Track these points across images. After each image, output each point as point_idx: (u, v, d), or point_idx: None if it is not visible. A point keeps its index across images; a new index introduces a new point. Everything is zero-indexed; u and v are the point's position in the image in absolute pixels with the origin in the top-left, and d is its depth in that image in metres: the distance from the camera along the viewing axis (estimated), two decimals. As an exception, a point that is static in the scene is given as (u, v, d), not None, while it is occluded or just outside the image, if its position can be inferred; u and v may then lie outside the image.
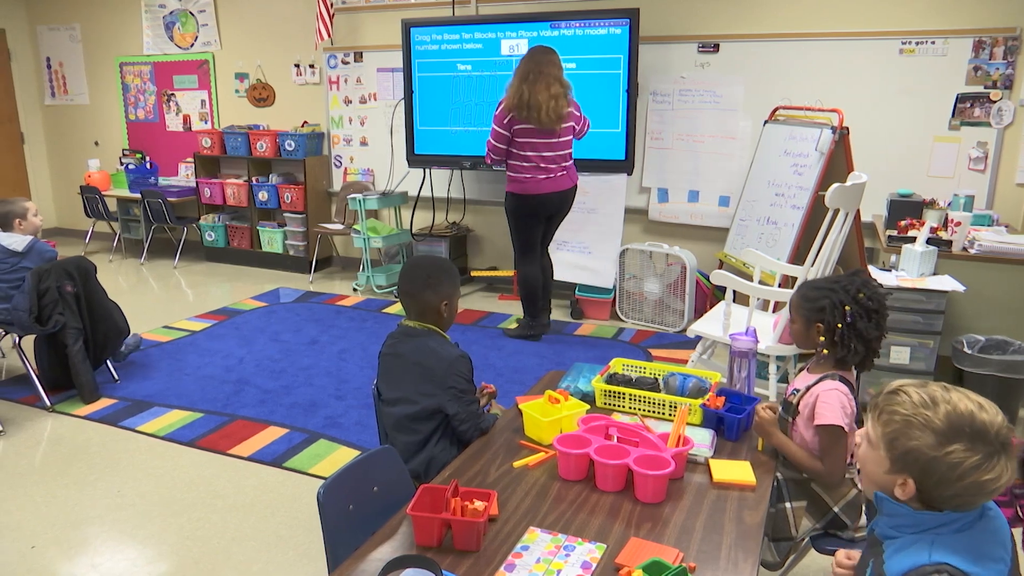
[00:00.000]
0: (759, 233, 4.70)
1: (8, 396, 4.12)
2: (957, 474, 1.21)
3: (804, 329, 2.13)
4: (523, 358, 4.67)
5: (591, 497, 1.82)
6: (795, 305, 2.17)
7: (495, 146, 4.64)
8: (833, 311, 2.04)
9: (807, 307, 2.11)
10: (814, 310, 2.08)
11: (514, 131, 4.56)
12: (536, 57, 4.51)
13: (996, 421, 1.21)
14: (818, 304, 2.07)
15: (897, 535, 1.30)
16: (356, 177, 6.78)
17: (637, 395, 2.27)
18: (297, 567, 2.71)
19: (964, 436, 1.21)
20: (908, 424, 1.25)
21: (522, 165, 4.62)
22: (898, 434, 1.27)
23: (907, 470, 1.26)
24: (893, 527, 1.31)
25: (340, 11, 6.40)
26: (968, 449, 1.20)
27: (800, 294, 2.16)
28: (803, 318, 2.12)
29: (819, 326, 2.06)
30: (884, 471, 1.30)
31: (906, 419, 1.26)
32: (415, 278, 2.29)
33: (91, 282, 4.07)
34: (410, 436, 2.22)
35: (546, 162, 4.61)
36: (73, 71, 8.06)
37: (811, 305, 2.10)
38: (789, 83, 5.04)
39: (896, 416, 1.28)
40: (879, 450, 1.31)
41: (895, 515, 1.30)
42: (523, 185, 4.65)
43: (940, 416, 1.23)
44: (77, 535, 2.90)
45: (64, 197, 8.45)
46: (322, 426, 3.77)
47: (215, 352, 4.81)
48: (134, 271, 7.07)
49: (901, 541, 1.29)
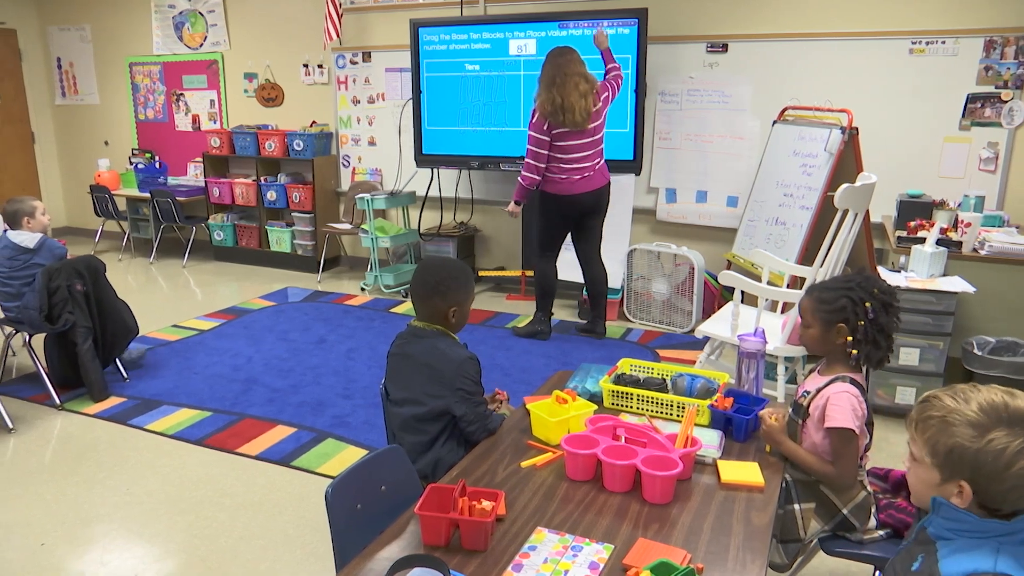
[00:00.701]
0: (768, 234, 4.68)
1: (18, 394, 4.15)
2: (1004, 462, 1.20)
3: (823, 333, 2.07)
4: (530, 358, 4.67)
5: (599, 497, 1.82)
6: (810, 310, 2.10)
7: (537, 155, 4.59)
8: (855, 309, 2.01)
9: (825, 309, 2.06)
10: (834, 311, 2.04)
11: (552, 136, 4.57)
12: (557, 60, 4.52)
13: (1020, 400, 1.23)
14: (837, 305, 2.03)
15: (954, 537, 1.28)
16: (364, 177, 6.79)
17: (645, 396, 2.26)
18: (305, 566, 2.72)
19: (1002, 422, 1.22)
20: (945, 423, 1.26)
21: (560, 167, 4.63)
22: (937, 436, 1.27)
23: (958, 473, 1.26)
24: (951, 530, 1.29)
25: (349, 11, 6.41)
26: (1009, 434, 1.21)
27: (814, 298, 2.11)
28: (822, 321, 2.06)
29: (841, 327, 2.03)
30: (936, 483, 1.29)
31: (942, 419, 1.27)
32: (425, 282, 2.28)
33: (101, 281, 4.09)
34: (417, 436, 2.22)
35: (580, 162, 4.63)
36: (83, 71, 8.10)
37: (829, 307, 2.05)
38: (798, 83, 5.02)
39: (931, 420, 1.28)
40: (925, 462, 1.30)
41: (957, 520, 1.28)
42: (559, 186, 4.67)
43: (973, 408, 1.24)
44: (86, 532, 2.91)
45: (74, 196, 8.49)
46: (330, 425, 3.78)
47: (224, 351, 4.83)
48: (143, 270, 7.10)
49: (959, 543, 1.27)
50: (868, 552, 2.06)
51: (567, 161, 4.62)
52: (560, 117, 4.49)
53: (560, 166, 4.63)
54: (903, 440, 3.53)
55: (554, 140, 4.57)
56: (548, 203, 4.77)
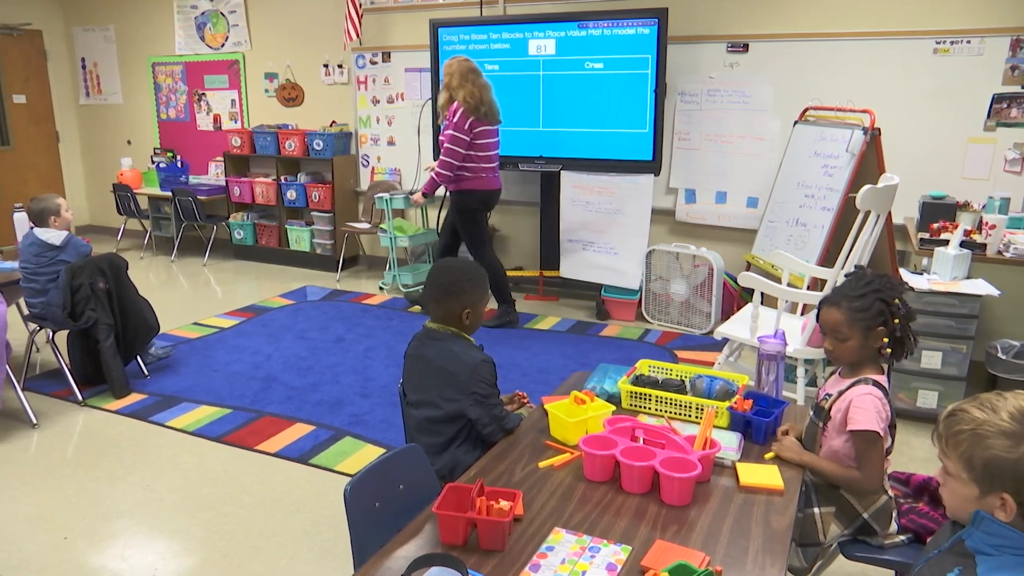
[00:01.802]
0: (788, 235, 4.65)
1: (42, 390, 4.20)
2: None
3: (863, 340, 2.02)
4: (548, 358, 4.67)
5: (616, 499, 1.81)
6: (846, 322, 2.03)
7: (456, 153, 4.84)
8: (891, 309, 2.00)
9: (863, 318, 2.01)
10: (872, 317, 2.00)
11: (474, 133, 4.85)
12: (462, 64, 4.88)
13: None
14: (874, 310, 2.00)
15: (996, 553, 1.25)
16: (383, 176, 6.81)
17: (663, 397, 2.25)
18: (323, 563, 2.73)
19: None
20: (977, 436, 1.23)
21: (481, 166, 4.94)
22: (972, 450, 1.24)
23: (997, 485, 1.23)
24: (993, 546, 1.25)
25: (369, 11, 6.43)
26: None
27: (848, 309, 2.03)
28: (861, 330, 2.01)
29: (880, 330, 2.00)
30: (975, 497, 1.26)
31: (973, 432, 1.24)
32: (439, 283, 2.28)
33: (123, 279, 4.13)
34: (433, 438, 2.22)
35: (495, 159, 5.04)
36: (107, 71, 8.19)
37: (867, 314, 2.00)
38: (819, 83, 4.98)
39: (963, 434, 1.25)
40: (961, 478, 1.27)
41: (1000, 536, 1.25)
42: (482, 182, 4.97)
43: (1004, 418, 1.22)
44: (107, 527, 2.94)
45: (97, 195, 8.60)
46: (348, 424, 3.80)
47: (243, 349, 4.86)
48: (164, 268, 7.17)
49: (1002, 560, 1.24)
50: (888, 557, 2.04)
51: (486, 159, 4.95)
52: (482, 111, 4.82)
53: (480, 165, 4.93)
54: (924, 444, 3.49)
55: (474, 138, 4.85)
56: (472, 201, 5.01)
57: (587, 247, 5.56)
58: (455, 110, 4.83)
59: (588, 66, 5.29)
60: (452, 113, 4.85)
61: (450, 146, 4.83)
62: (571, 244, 5.62)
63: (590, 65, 5.28)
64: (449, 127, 4.86)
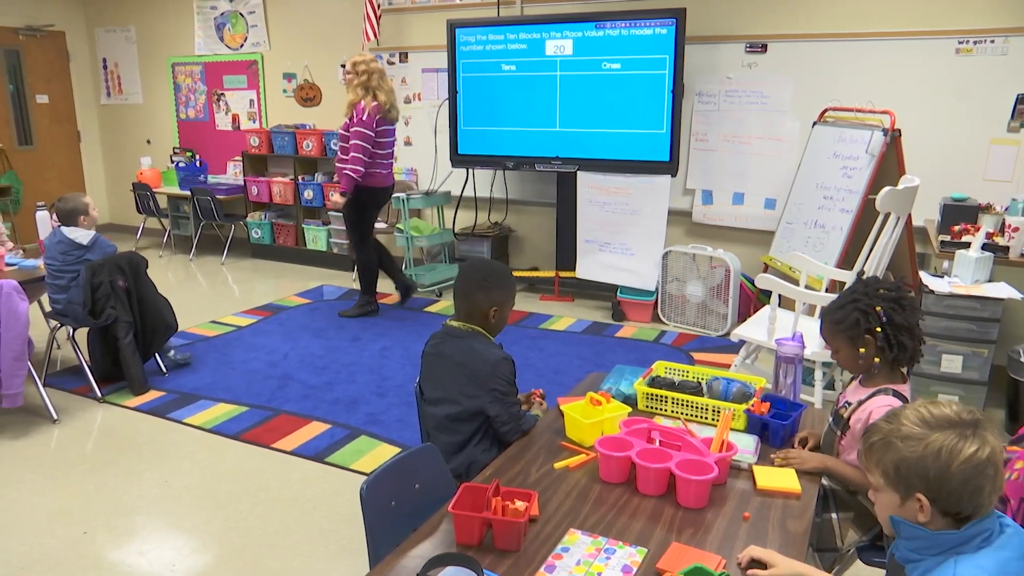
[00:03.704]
0: (806, 237, 4.62)
1: (62, 386, 4.25)
2: (944, 460, 1.27)
3: (851, 351, 2.02)
4: (563, 359, 4.66)
5: (632, 500, 1.81)
6: (830, 335, 2.07)
7: (365, 150, 5.03)
8: (868, 318, 1.97)
9: (841, 329, 2.02)
10: (850, 328, 2.00)
11: (377, 132, 5.07)
12: (377, 64, 5.10)
13: (953, 408, 1.33)
14: (850, 320, 1.99)
15: (919, 558, 1.33)
16: (400, 176, 6.83)
17: (680, 399, 2.24)
18: (338, 561, 2.74)
19: (933, 428, 1.30)
20: (886, 443, 1.34)
21: (379, 163, 5.17)
22: (882, 456, 1.35)
23: (912, 487, 1.31)
24: (914, 550, 1.34)
25: (387, 12, 6.45)
26: (941, 435, 1.29)
27: (829, 323, 2.07)
28: (845, 342, 2.02)
29: (867, 338, 1.99)
30: (898, 505, 1.35)
31: (883, 440, 1.35)
32: (471, 278, 2.30)
33: (142, 277, 4.17)
34: (451, 436, 2.23)
35: (391, 156, 5.28)
36: (128, 71, 8.27)
37: (844, 326, 2.01)
38: (839, 84, 4.94)
39: (875, 445, 1.37)
40: (882, 486, 1.37)
41: (914, 538, 1.34)
42: (378, 179, 5.19)
43: (905, 423, 1.33)
44: (126, 523, 2.97)
45: (117, 193, 8.68)
46: (364, 422, 3.81)
47: (260, 347, 4.89)
48: (183, 267, 7.23)
49: (925, 564, 1.32)
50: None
51: (385, 156, 5.20)
52: (386, 111, 5.07)
53: (378, 162, 5.15)
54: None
55: (377, 136, 5.07)
56: (366, 197, 5.22)
57: (603, 248, 5.55)
58: (364, 108, 4.99)
59: (605, 66, 5.28)
60: (360, 111, 4.99)
61: (359, 142, 5.00)
62: (587, 245, 5.61)
63: (607, 65, 5.27)
64: (355, 124, 5.00)
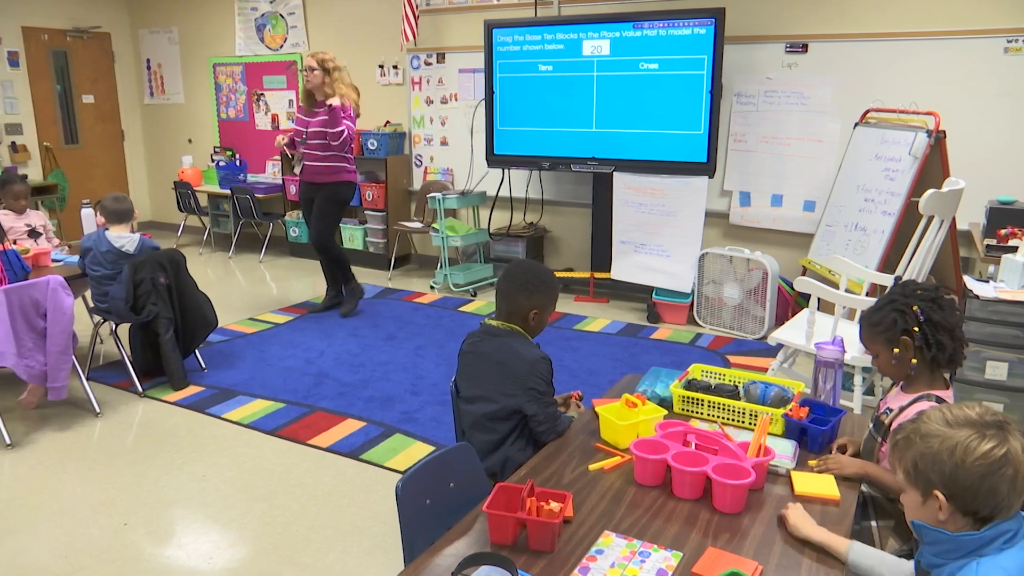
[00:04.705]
0: (847, 239, 4.55)
1: (105, 380, 4.34)
2: (959, 456, 1.29)
3: (889, 354, 2.00)
4: (598, 360, 4.65)
5: (667, 504, 1.79)
6: (868, 339, 2.05)
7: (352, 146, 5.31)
8: (905, 319, 1.95)
9: (879, 331, 2.00)
10: (887, 330, 1.98)
11: None
12: (335, 59, 5.18)
13: (977, 410, 1.34)
14: (887, 321, 1.97)
15: (943, 562, 1.34)
16: (436, 176, 6.87)
17: (717, 402, 2.22)
18: (372, 557, 2.76)
19: (951, 426, 1.33)
20: (907, 441, 1.38)
21: (353, 158, 5.35)
22: (904, 454, 1.38)
23: (929, 483, 1.34)
24: (937, 555, 1.36)
25: (425, 13, 6.49)
26: (959, 432, 1.31)
27: (867, 326, 2.05)
28: (883, 345, 2.00)
29: (905, 340, 1.96)
30: (920, 503, 1.37)
31: (905, 439, 1.39)
32: (515, 278, 2.30)
33: (182, 274, 4.24)
34: (488, 435, 2.23)
35: None
36: (170, 72, 8.43)
37: (882, 327, 1.99)
38: (881, 84, 4.85)
39: (899, 443, 1.40)
40: (905, 484, 1.39)
41: (937, 543, 1.35)
42: (354, 176, 5.40)
43: (926, 421, 1.37)
44: (165, 515, 3.03)
45: (159, 192, 8.85)
46: (398, 420, 3.84)
47: (297, 344, 4.95)
48: (222, 264, 7.35)
49: (948, 568, 1.33)
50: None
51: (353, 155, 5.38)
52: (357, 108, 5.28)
53: (352, 157, 5.34)
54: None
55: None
56: (348, 192, 5.39)
57: (639, 249, 5.52)
58: (347, 107, 5.11)
59: (643, 67, 5.25)
60: (348, 107, 5.13)
61: (350, 139, 5.17)
62: (623, 246, 5.58)
63: (645, 66, 5.24)
64: (347, 119, 5.11)
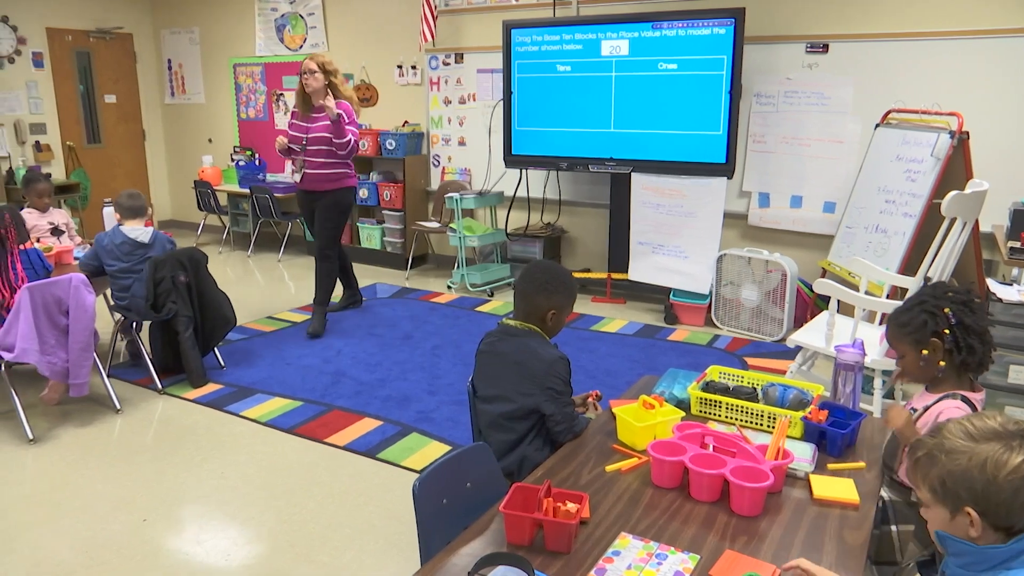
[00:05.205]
0: (867, 241, 4.51)
1: (125, 377, 4.38)
2: (991, 471, 1.25)
3: (916, 356, 1.99)
4: (615, 361, 4.63)
5: (684, 506, 1.79)
6: (896, 339, 2.04)
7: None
8: (936, 320, 1.94)
9: (907, 332, 1.99)
10: (916, 331, 1.97)
11: None
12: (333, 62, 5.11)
13: (998, 420, 1.31)
14: (917, 322, 1.97)
15: (969, 575, 1.31)
16: (453, 176, 6.88)
17: (735, 404, 2.21)
18: (388, 556, 2.77)
19: (977, 440, 1.29)
20: (931, 458, 1.33)
21: (352, 163, 5.16)
22: (929, 471, 1.33)
23: (959, 500, 1.29)
24: (962, 567, 1.32)
25: (443, 13, 6.50)
26: (987, 446, 1.27)
27: (894, 326, 2.04)
28: (911, 345, 1.99)
29: (935, 342, 1.95)
30: (948, 520, 1.33)
31: (928, 456, 1.34)
32: (533, 279, 2.30)
33: (202, 273, 4.27)
34: (505, 434, 2.24)
35: None
36: (191, 72, 8.50)
37: (910, 328, 1.98)
38: (903, 85, 4.80)
39: (920, 460, 1.35)
40: (930, 502, 1.35)
41: (962, 554, 1.32)
42: (354, 180, 5.24)
43: (949, 436, 1.32)
44: (184, 512, 3.05)
45: (179, 191, 8.93)
46: (415, 420, 3.85)
47: (314, 343, 4.98)
48: (241, 263, 7.40)
49: None
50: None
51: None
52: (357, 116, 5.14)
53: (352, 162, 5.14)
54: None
55: None
56: (352, 197, 5.26)
57: (657, 250, 5.50)
58: (350, 112, 4.95)
59: (661, 67, 5.23)
60: (348, 112, 4.93)
61: (357, 143, 4.99)
62: (640, 247, 5.57)
63: (663, 66, 5.22)
64: (352, 125, 4.94)
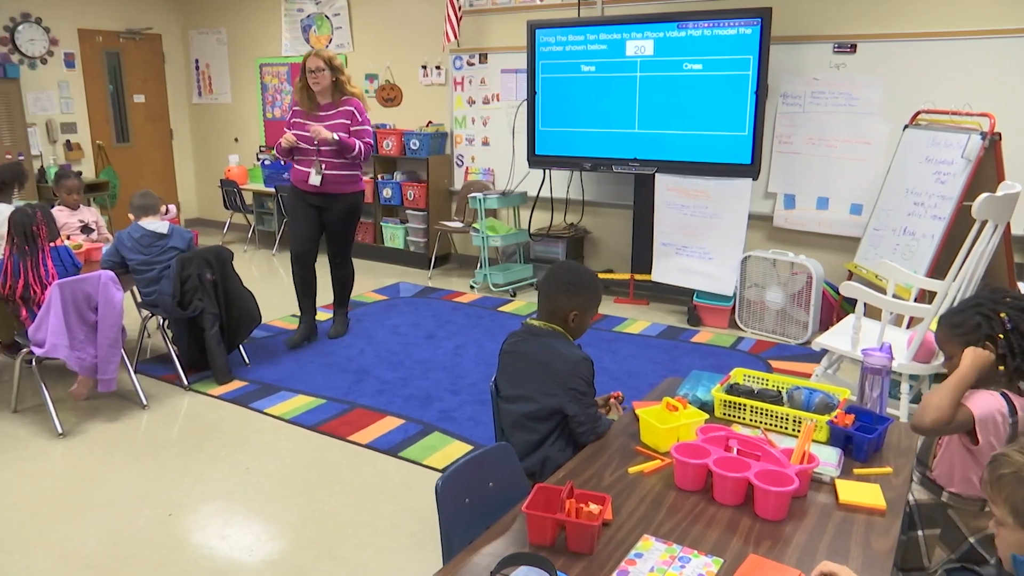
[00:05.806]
0: (895, 244, 4.45)
1: (152, 373, 4.44)
2: None
3: None
4: (637, 363, 4.62)
5: (708, 509, 1.77)
6: (946, 340, 2.01)
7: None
8: (991, 324, 1.91)
9: (960, 333, 1.96)
10: (969, 332, 1.94)
11: None
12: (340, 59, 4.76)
13: None
14: (971, 324, 1.94)
15: None
16: (477, 176, 6.89)
17: (759, 407, 2.19)
18: (409, 555, 2.78)
19: None
20: (1020, 479, 1.25)
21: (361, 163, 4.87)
22: (1016, 493, 1.26)
23: None
24: None
25: (467, 13, 6.52)
26: None
27: (946, 326, 2.01)
28: (963, 347, 1.95)
29: (986, 344, 1.92)
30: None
31: (1016, 475, 1.26)
32: (557, 279, 2.30)
33: (228, 271, 4.32)
34: (528, 434, 2.23)
35: None
36: (218, 72, 8.60)
37: (963, 329, 1.95)
38: (933, 86, 4.74)
39: (1005, 478, 1.28)
40: (1009, 523, 1.28)
41: None
42: (363, 183, 4.95)
43: None
44: (209, 507, 3.08)
45: (206, 190, 9.03)
46: (437, 419, 3.86)
47: (337, 342, 5.01)
48: (266, 261, 7.46)
49: None
50: None
51: None
52: None
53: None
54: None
55: None
56: (362, 201, 4.95)
57: (680, 251, 5.47)
58: (360, 107, 4.67)
59: (686, 67, 5.20)
60: (360, 110, 4.66)
61: (371, 141, 4.75)
62: (664, 248, 5.54)
63: (689, 66, 5.19)
64: (366, 123, 4.70)
